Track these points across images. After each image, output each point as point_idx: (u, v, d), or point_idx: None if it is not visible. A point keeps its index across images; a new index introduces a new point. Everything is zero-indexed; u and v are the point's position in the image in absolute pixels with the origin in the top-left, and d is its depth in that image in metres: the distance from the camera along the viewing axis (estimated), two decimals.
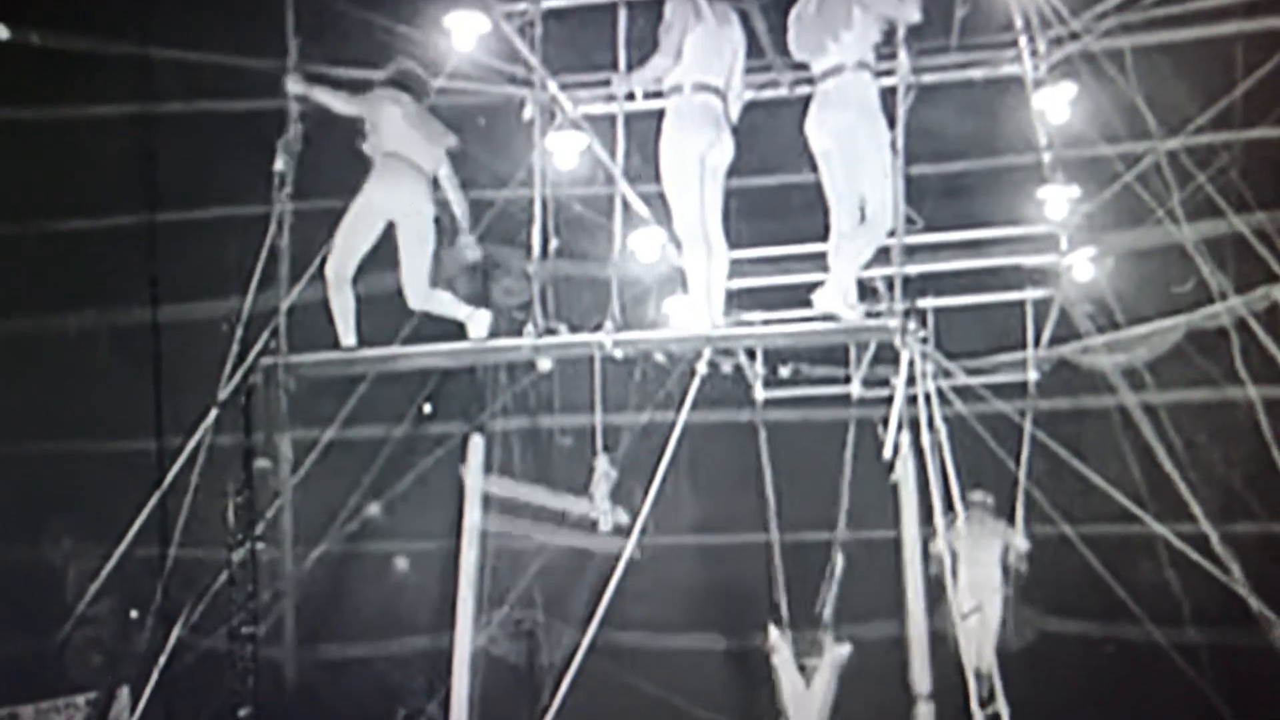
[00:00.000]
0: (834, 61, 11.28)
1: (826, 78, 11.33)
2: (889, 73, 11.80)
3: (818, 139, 11.40)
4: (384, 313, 12.95)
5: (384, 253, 12.42)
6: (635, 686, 19.79)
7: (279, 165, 12.05)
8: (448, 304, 12.53)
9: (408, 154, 12.28)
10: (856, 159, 11.24)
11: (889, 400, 12.52)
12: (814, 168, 11.54)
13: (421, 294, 12.40)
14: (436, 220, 12.40)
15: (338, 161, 12.64)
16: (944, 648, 13.69)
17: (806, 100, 11.55)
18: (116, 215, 17.03)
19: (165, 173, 17.12)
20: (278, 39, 12.17)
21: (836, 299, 11.42)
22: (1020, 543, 17.64)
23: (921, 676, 13.06)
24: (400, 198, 12.23)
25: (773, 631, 16.88)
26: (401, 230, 12.28)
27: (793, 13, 11.66)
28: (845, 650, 16.68)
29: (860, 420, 17.64)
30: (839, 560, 17.54)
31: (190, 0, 16.08)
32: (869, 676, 16.69)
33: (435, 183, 12.48)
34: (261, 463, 12.80)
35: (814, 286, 11.61)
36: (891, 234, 11.41)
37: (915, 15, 11.31)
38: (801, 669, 16.68)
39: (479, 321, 12.39)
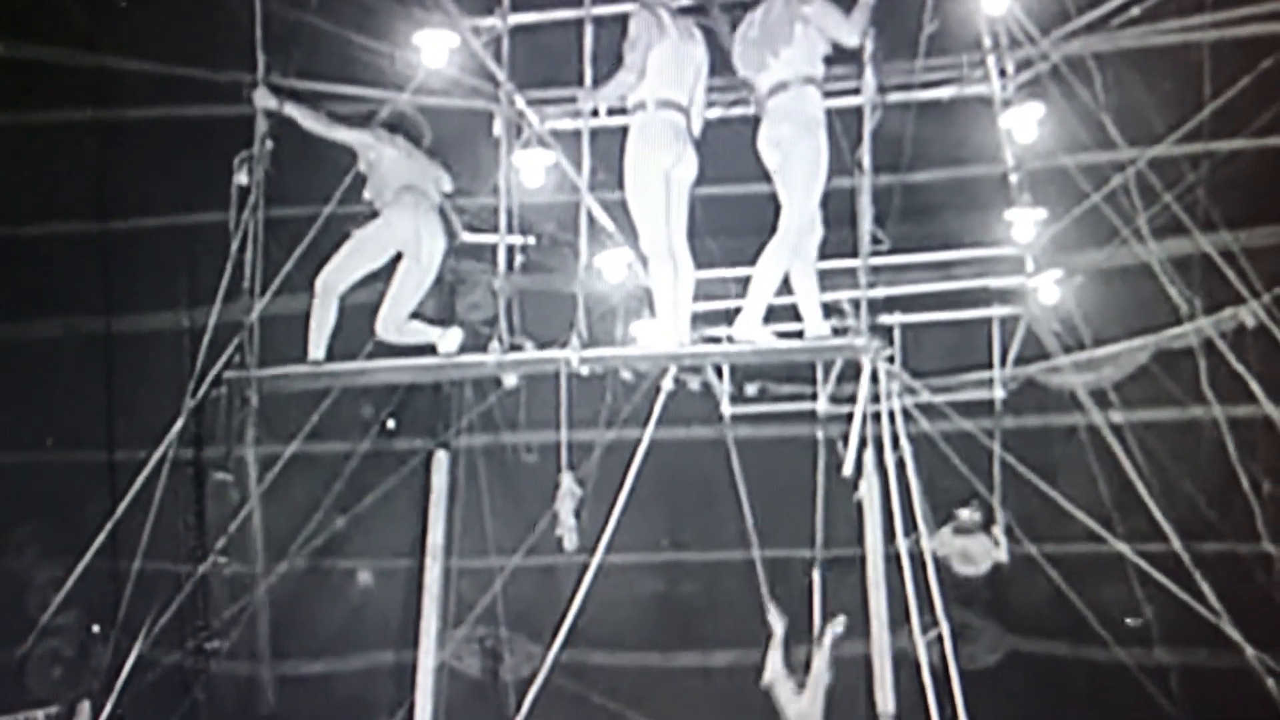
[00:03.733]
0: (778, 78, 11.30)
1: (773, 94, 11.35)
2: (855, 91, 11.80)
3: (767, 156, 11.42)
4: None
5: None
6: (598, 703, 19.74)
7: (242, 179, 11.94)
8: (420, 332, 12.45)
9: (422, 186, 12.30)
10: (793, 171, 11.24)
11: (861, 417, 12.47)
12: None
13: (396, 327, 12.34)
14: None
15: (303, 172, 12.58)
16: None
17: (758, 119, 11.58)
18: (79, 223, 16.98)
19: (131, 182, 17.09)
20: (243, 52, 12.09)
21: (746, 326, 11.42)
22: (1001, 555, 17.46)
23: (885, 696, 13.02)
24: (420, 230, 12.19)
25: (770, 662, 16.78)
26: (408, 261, 12.24)
27: (738, 32, 11.70)
28: (835, 629, 16.46)
29: (829, 438, 17.63)
30: (816, 577, 17.43)
31: (158, 13, 16.03)
32: (834, 695, 16.65)
33: None
34: (222, 476, 12.69)
35: (781, 306, 11.61)
36: (856, 253, 11.41)
37: (854, 39, 11.33)
38: (799, 685, 16.55)
39: (450, 338, 12.30)
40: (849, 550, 17.13)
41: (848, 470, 12.36)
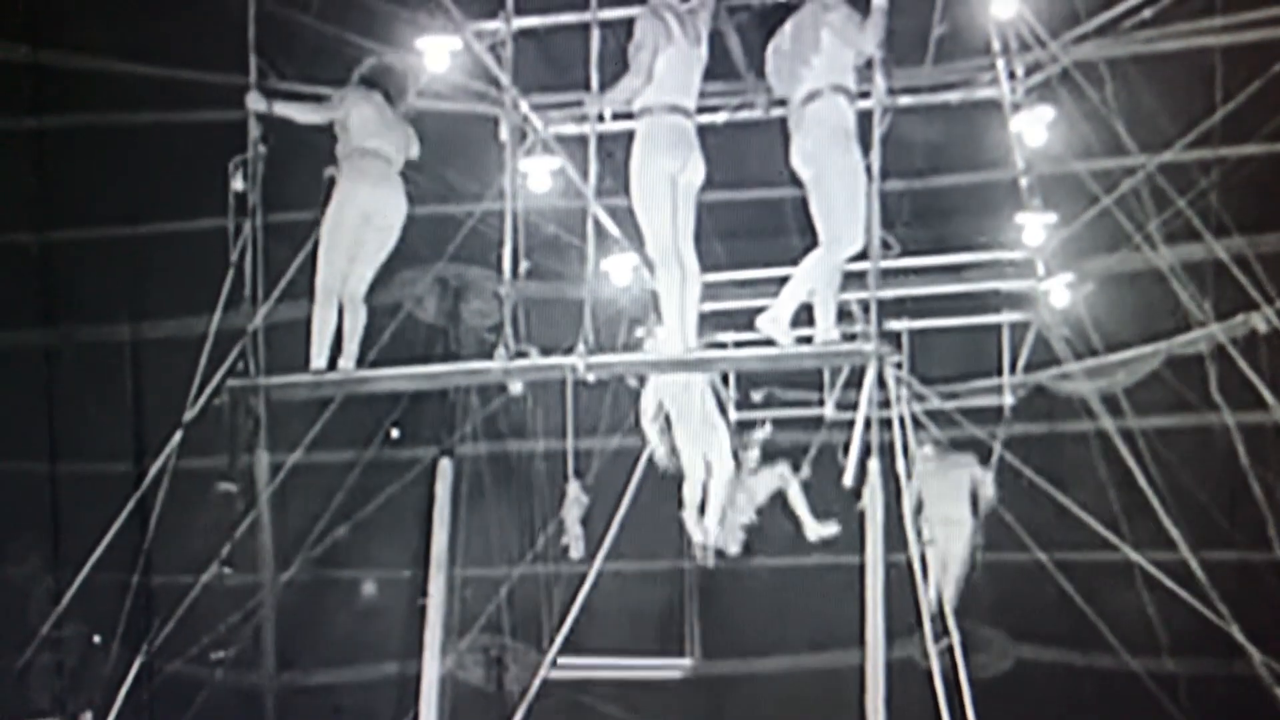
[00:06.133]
0: (809, 88, 11.24)
1: (805, 104, 11.27)
2: (864, 95, 11.70)
3: (800, 168, 11.35)
4: None
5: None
6: (602, 712, 19.66)
7: (238, 185, 11.86)
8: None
9: (379, 148, 12.13)
10: (827, 183, 11.16)
11: (864, 424, 12.35)
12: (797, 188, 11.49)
13: (360, 295, 12.24)
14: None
15: (305, 177, 12.50)
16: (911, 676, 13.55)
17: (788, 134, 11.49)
18: (76, 229, 16.91)
19: (137, 187, 17.02)
20: (242, 56, 12.02)
21: (771, 323, 11.32)
22: (988, 490, 17.37)
23: (876, 709, 12.89)
24: (376, 193, 12.07)
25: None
26: (368, 225, 12.13)
27: (770, 46, 11.63)
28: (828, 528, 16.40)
29: (833, 444, 17.49)
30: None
31: (158, 17, 15.96)
32: (824, 707, 16.54)
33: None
34: (226, 486, 12.58)
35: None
36: (866, 257, 11.31)
37: (871, 46, 11.23)
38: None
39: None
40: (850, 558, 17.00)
41: (848, 480, 12.22)
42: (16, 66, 15.98)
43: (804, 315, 11.59)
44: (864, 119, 11.45)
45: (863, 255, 11.38)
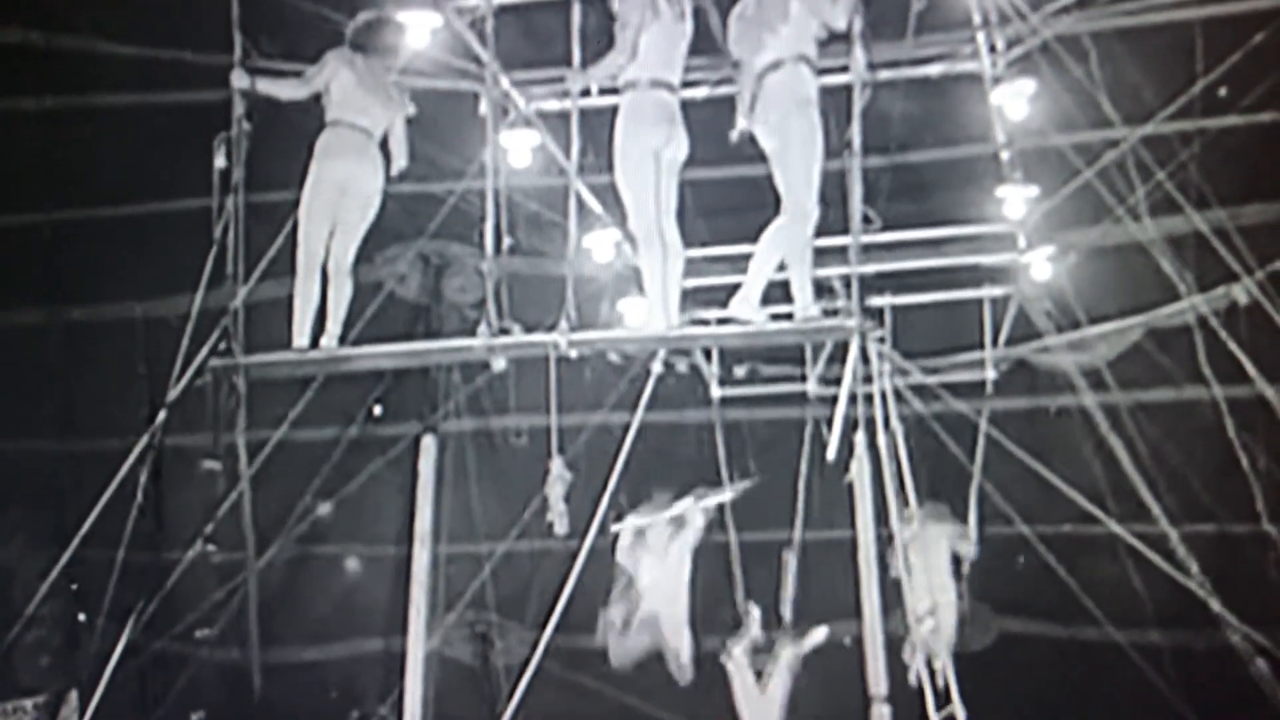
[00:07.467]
0: (772, 57, 11.20)
1: (767, 74, 11.24)
2: (844, 69, 11.70)
3: (762, 138, 11.32)
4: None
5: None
6: (590, 688, 19.66)
7: (220, 163, 11.83)
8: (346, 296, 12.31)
9: (353, 119, 12.02)
10: (790, 153, 11.14)
11: (848, 399, 12.37)
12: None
13: (346, 268, 12.18)
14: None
15: (288, 156, 12.47)
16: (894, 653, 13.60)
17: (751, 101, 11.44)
18: (68, 210, 16.87)
19: (118, 167, 16.98)
20: (224, 34, 11.99)
21: (742, 303, 11.31)
22: (967, 549, 17.41)
23: (877, 677, 12.93)
24: (351, 166, 11.99)
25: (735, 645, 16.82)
26: (345, 198, 12.05)
27: (734, 12, 11.58)
28: (815, 638, 16.57)
29: (819, 419, 17.51)
30: (792, 561, 17.40)
31: None
32: (826, 678, 16.58)
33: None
34: (209, 464, 12.59)
35: (771, 285, 11.50)
36: (848, 232, 11.31)
37: (841, 23, 11.22)
38: (757, 675, 16.61)
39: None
40: (839, 532, 17.03)
41: (832, 454, 12.24)
42: (7, 48, 15.94)
43: (785, 295, 11.58)
44: (844, 93, 11.45)
45: (843, 230, 11.39)
